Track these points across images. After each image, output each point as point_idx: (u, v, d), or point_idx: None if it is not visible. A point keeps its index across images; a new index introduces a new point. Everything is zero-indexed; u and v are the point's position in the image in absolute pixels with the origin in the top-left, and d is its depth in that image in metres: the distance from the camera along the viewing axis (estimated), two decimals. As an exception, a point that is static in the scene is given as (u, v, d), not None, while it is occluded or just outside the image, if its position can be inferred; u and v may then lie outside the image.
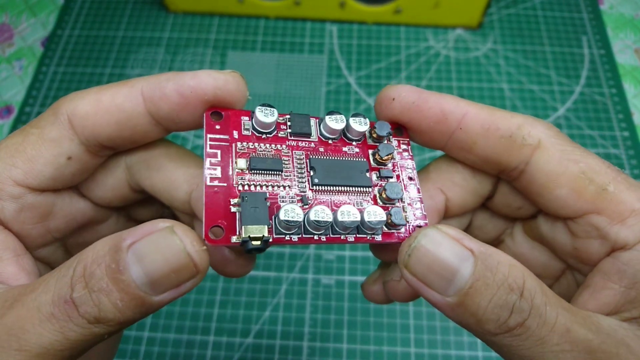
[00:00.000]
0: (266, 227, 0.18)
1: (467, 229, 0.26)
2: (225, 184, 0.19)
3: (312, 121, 0.22)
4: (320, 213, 0.19)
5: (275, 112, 0.21)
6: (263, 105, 0.21)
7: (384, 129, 0.22)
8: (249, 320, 0.45)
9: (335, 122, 0.21)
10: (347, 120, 0.22)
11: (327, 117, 0.22)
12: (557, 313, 0.16)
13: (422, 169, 0.25)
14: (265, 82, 0.59)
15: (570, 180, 0.19)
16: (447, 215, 0.24)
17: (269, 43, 0.62)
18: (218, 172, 0.19)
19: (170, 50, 0.61)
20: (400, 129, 0.23)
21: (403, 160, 0.23)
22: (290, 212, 0.18)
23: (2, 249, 0.19)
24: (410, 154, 0.23)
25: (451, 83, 0.59)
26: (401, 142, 0.23)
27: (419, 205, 0.22)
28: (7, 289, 0.17)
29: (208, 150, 0.20)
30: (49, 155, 0.19)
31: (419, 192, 0.22)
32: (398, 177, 0.23)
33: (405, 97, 0.21)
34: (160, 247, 0.16)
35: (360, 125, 0.22)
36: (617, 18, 0.64)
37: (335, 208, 0.20)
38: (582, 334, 0.16)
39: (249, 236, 0.18)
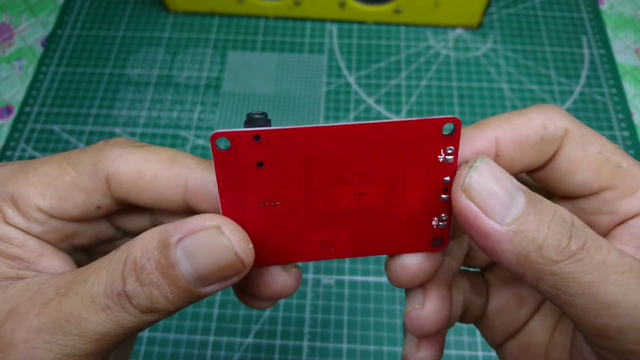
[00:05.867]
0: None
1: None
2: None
3: None
4: None
5: None
6: None
7: None
8: (249, 320, 0.45)
9: None
10: None
11: None
12: (604, 241, 0.17)
13: None
14: (265, 82, 0.59)
15: (591, 162, 0.19)
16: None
17: (269, 43, 0.62)
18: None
19: (170, 50, 0.61)
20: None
21: None
22: None
23: (42, 247, 0.20)
24: None
25: (451, 83, 0.59)
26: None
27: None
28: (55, 276, 0.18)
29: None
30: (79, 201, 0.20)
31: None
32: None
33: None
34: (209, 247, 0.17)
35: None
36: (617, 18, 0.64)
37: None
38: (630, 258, 0.17)
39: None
